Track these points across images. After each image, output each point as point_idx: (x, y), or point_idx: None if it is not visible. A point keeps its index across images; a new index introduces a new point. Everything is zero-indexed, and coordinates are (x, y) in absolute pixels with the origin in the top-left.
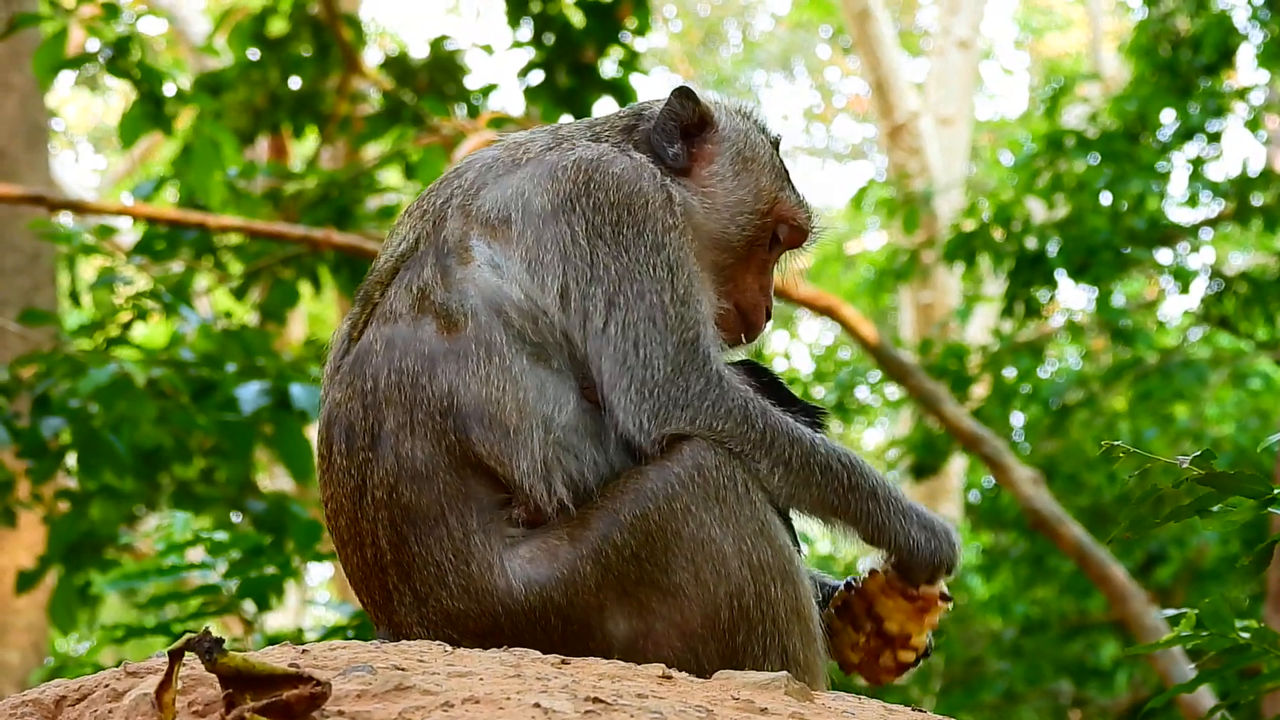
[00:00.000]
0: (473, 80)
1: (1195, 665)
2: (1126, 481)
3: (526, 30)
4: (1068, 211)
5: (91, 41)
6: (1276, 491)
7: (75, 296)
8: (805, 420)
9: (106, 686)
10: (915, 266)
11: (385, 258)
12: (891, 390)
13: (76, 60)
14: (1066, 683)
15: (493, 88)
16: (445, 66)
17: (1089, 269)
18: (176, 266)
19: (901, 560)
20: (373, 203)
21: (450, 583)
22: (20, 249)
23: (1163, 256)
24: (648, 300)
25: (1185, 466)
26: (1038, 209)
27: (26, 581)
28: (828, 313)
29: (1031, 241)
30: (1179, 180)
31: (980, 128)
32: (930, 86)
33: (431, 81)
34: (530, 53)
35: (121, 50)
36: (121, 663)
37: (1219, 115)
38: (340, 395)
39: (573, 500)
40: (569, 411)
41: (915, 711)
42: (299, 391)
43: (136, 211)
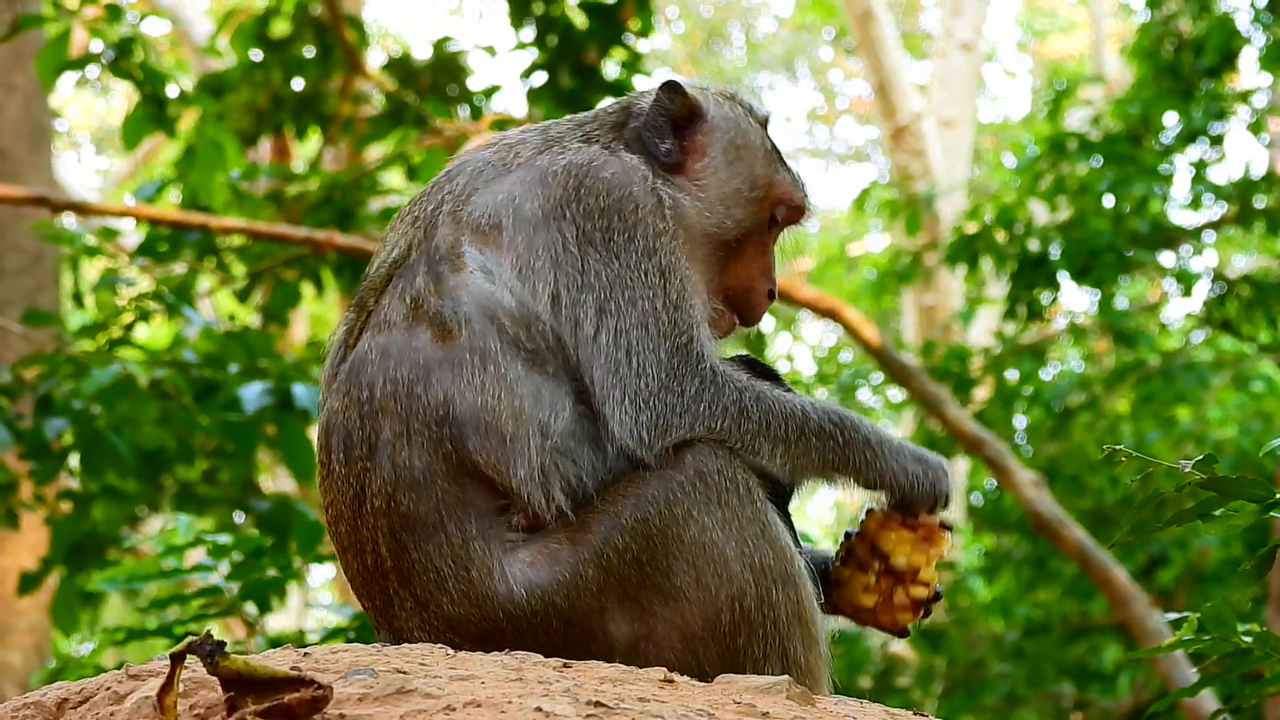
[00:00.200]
0: (475, 82)
1: (1197, 669)
2: (1129, 485)
3: (529, 31)
4: (1070, 214)
5: (95, 43)
6: (1278, 495)
7: (78, 298)
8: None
9: (108, 689)
10: (918, 269)
11: (378, 264)
12: (894, 392)
13: (80, 61)
14: (1068, 685)
15: (495, 89)
16: (448, 68)
17: (1091, 271)
18: (179, 268)
19: (904, 497)
20: (375, 204)
21: (450, 588)
22: (23, 250)
23: (1165, 259)
24: (640, 307)
25: (1187, 470)
26: (1040, 211)
27: (29, 583)
28: (830, 315)
29: (1034, 244)
30: (1181, 183)
31: (983, 130)
32: (933, 88)
33: (434, 83)
34: (533, 54)
35: (124, 51)
36: (123, 665)
37: (1221, 118)
38: (338, 404)
39: (571, 506)
40: (565, 417)
41: (917, 715)
42: (301, 392)
43: (139, 213)
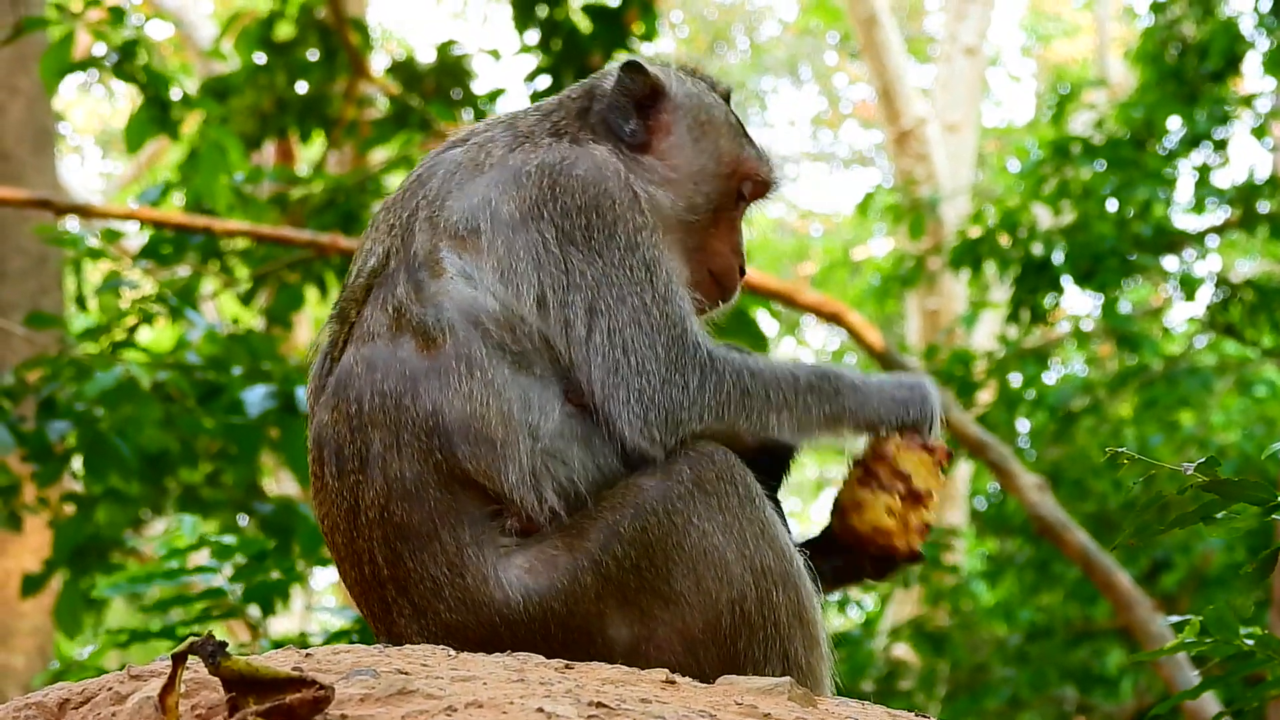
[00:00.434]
0: (479, 85)
1: (1200, 672)
2: (1132, 488)
3: (533, 35)
4: (1074, 218)
5: (98, 46)
6: None
7: (81, 300)
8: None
9: (110, 690)
10: (921, 273)
11: (356, 273)
12: None
13: (83, 64)
14: (1071, 689)
15: (500, 92)
16: (452, 71)
17: (1095, 275)
18: (183, 271)
19: (902, 426)
20: (379, 207)
21: (447, 596)
22: (26, 252)
23: (1169, 264)
24: (630, 304)
25: (1190, 473)
26: (1044, 215)
27: (32, 585)
28: (834, 319)
29: (1038, 248)
30: (1185, 187)
31: (987, 134)
32: (937, 93)
33: (438, 86)
34: (537, 58)
35: (128, 54)
36: (125, 666)
37: (1225, 122)
38: (327, 417)
39: (564, 508)
40: (554, 418)
41: (920, 718)
42: (305, 394)
43: (143, 216)
